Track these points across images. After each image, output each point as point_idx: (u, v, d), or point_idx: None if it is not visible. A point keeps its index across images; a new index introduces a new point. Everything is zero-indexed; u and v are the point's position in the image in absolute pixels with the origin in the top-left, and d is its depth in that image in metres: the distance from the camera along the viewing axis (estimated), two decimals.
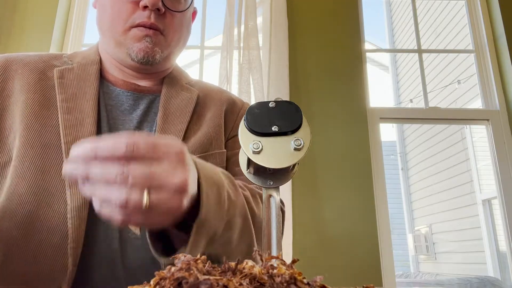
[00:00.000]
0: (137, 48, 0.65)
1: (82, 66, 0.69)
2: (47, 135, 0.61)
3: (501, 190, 2.06)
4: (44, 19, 2.12)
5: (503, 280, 3.59)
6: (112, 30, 0.66)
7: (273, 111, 0.42)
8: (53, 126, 0.61)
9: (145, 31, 0.65)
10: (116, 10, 0.66)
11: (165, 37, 0.68)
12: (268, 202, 0.43)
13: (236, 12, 2.13)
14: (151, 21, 0.65)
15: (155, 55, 0.67)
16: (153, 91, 0.72)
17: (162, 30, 0.66)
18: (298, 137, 0.41)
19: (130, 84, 0.71)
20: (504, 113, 2.16)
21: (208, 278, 0.24)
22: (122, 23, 0.65)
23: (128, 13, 0.65)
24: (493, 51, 2.26)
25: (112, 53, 0.69)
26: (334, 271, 1.82)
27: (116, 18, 0.66)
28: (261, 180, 0.44)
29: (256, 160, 0.40)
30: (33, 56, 0.69)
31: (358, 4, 2.29)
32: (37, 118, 0.61)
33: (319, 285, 0.26)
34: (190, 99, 0.73)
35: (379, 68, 8.38)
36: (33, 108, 0.62)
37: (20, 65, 0.67)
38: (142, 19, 0.65)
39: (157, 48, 0.66)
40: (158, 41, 0.67)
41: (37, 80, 0.65)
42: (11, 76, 0.65)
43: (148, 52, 0.66)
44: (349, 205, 1.92)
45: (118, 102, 0.68)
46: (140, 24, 0.65)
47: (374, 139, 2.07)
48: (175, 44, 0.71)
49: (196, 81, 0.81)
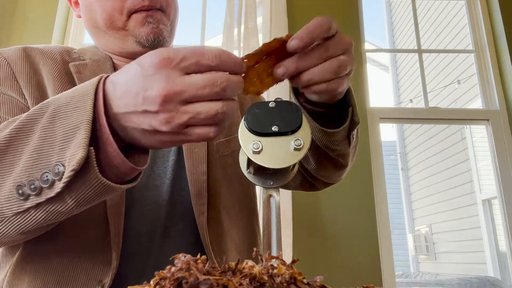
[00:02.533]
0: (144, 33, 0.65)
1: (95, 62, 0.68)
2: None
3: (501, 190, 2.06)
4: (44, 19, 2.12)
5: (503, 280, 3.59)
6: (112, 26, 0.66)
7: (273, 111, 0.42)
8: None
9: (144, 13, 0.64)
10: (107, 6, 0.65)
11: (165, 12, 0.67)
12: (268, 202, 0.43)
13: (236, 12, 2.12)
14: (147, 3, 0.64)
15: (163, 33, 0.66)
16: None
17: (160, 7, 0.66)
18: (298, 137, 0.41)
19: None
20: (504, 113, 2.16)
21: (208, 278, 0.24)
22: (119, 15, 0.64)
23: (120, 5, 0.64)
24: (493, 51, 2.26)
25: (118, 48, 0.68)
26: (334, 271, 1.82)
27: (111, 13, 0.65)
28: (261, 180, 0.44)
29: (256, 160, 0.40)
30: (47, 48, 0.68)
31: (358, 4, 2.29)
32: None
33: (319, 285, 0.26)
34: None
35: (379, 68, 8.39)
36: None
37: (39, 54, 0.66)
38: (137, 3, 0.64)
39: (161, 25, 0.66)
40: (161, 18, 0.66)
41: (60, 70, 0.64)
42: (38, 68, 0.64)
43: (156, 32, 0.65)
44: (349, 205, 1.92)
45: None
46: (138, 8, 0.64)
47: (374, 139, 2.07)
48: (174, 15, 0.71)
49: None
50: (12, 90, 0.61)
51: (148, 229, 0.60)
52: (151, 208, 0.61)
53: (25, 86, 0.61)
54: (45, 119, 0.40)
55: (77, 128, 0.38)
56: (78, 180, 0.38)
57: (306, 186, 0.75)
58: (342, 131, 0.54)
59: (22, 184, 0.39)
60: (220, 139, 0.69)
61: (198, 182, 0.63)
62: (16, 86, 0.61)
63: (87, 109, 0.38)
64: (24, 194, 0.39)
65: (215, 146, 0.68)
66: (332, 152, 0.59)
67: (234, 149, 0.70)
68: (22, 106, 0.60)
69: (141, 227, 0.60)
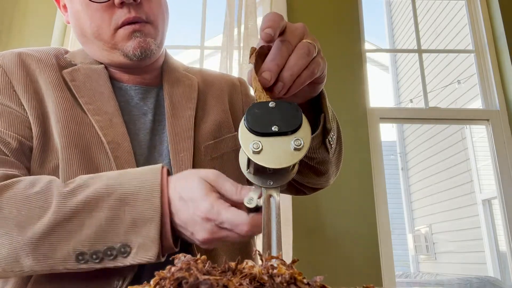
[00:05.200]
0: (131, 47, 0.64)
1: (87, 66, 0.68)
2: (86, 135, 0.60)
3: (501, 190, 2.06)
4: (44, 19, 2.12)
5: (503, 280, 3.59)
6: (99, 38, 0.65)
7: (273, 111, 0.42)
8: (87, 125, 0.61)
9: (131, 27, 0.63)
10: (95, 18, 0.63)
11: (152, 24, 0.66)
12: (268, 202, 0.43)
13: (236, 12, 2.13)
14: (133, 15, 0.63)
15: (150, 46, 0.65)
16: (157, 83, 0.73)
17: (146, 19, 0.64)
18: (298, 137, 0.41)
19: (136, 79, 0.71)
20: (504, 113, 2.16)
21: (208, 278, 0.24)
22: (107, 29, 0.63)
23: (108, 17, 0.63)
24: (493, 51, 2.26)
25: (106, 59, 0.68)
26: (334, 271, 1.82)
27: (98, 26, 0.63)
28: (261, 180, 0.44)
29: (256, 160, 0.40)
30: (42, 53, 0.67)
31: (358, 4, 2.29)
32: (71, 118, 0.61)
33: (319, 285, 0.26)
34: (192, 86, 0.73)
35: (379, 68, 8.39)
36: (65, 109, 0.61)
37: (35, 61, 0.65)
38: (124, 16, 0.62)
39: (148, 38, 0.65)
40: (148, 31, 0.65)
41: (58, 77, 0.64)
42: (34, 75, 0.63)
43: (143, 46, 0.64)
44: (349, 205, 1.92)
45: (128, 97, 0.69)
46: (124, 22, 0.63)
47: (374, 139, 2.07)
48: (162, 26, 0.69)
49: (191, 68, 0.81)
50: (10, 100, 0.60)
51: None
52: None
53: (23, 96, 0.60)
54: (112, 201, 0.47)
55: (148, 221, 0.46)
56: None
57: (292, 191, 0.77)
58: (315, 138, 0.55)
59: (84, 252, 0.46)
60: (208, 142, 0.68)
61: None
62: (15, 96, 0.60)
63: (155, 205, 0.47)
64: (84, 259, 0.46)
65: (203, 149, 0.67)
66: (310, 160, 0.61)
67: (223, 151, 0.70)
68: (21, 117, 0.59)
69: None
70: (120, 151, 0.60)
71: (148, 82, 0.72)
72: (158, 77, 0.74)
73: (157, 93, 0.71)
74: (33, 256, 0.46)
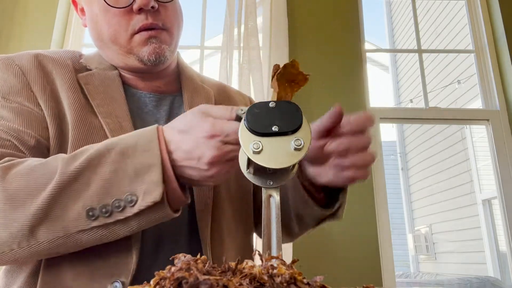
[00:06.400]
0: (146, 53, 0.65)
1: (102, 71, 0.69)
2: (94, 138, 0.61)
3: (501, 190, 2.06)
4: (44, 19, 2.12)
5: (503, 280, 3.59)
6: (115, 42, 0.66)
7: (273, 111, 0.42)
8: (97, 128, 0.62)
9: (147, 33, 0.65)
10: (113, 23, 0.65)
11: (168, 31, 0.68)
12: (268, 202, 0.43)
13: (236, 12, 2.12)
14: (150, 22, 0.64)
15: (165, 52, 0.67)
16: (172, 91, 0.74)
17: (162, 25, 0.66)
18: (298, 137, 0.41)
19: (151, 86, 0.72)
20: (504, 113, 2.16)
21: (208, 278, 0.24)
22: (124, 34, 0.65)
23: (126, 22, 0.64)
24: (493, 51, 2.26)
25: (121, 63, 0.69)
26: (334, 271, 1.82)
27: (116, 31, 0.65)
28: (261, 180, 0.44)
29: (256, 160, 0.40)
30: (58, 55, 0.68)
31: (358, 4, 2.29)
32: (82, 121, 0.61)
33: (319, 285, 0.26)
34: (209, 98, 0.74)
35: (379, 68, 8.39)
36: (77, 110, 0.62)
37: (52, 62, 0.66)
38: (141, 22, 0.64)
39: (164, 45, 0.66)
40: (163, 38, 0.67)
41: (74, 78, 0.65)
42: (51, 76, 0.64)
43: (158, 52, 0.66)
44: (349, 205, 1.91)
45: (141, 104, 0.69)
46: (141, 28, 0.64)
47: (374, 139, 2.06)
48: (177, 33, 0.71)
49: (204, 78, 0.82)
50: (28, 100, 0.60)
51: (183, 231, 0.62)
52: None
53: (40, 96, 0.61)
54: (114, 155, 0.49)
55: (149, 168, 0.48)
56: (148, 209, 0.48)
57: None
58: (324, 214, 0.67)
59: (93, 207, 0.47)
60: None
61: (204, 197, 0.64)
62: (32, 96, 0.61)
63: (155, 153, 0.48)
64: (94, 215, 0.48)
65: None
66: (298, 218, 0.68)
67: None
68: (39, 117, 0.60)
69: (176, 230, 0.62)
70: None
71: (163, 90, 0.73)
72: (171, 84, 0.75)
73: (171, 101, 0.72)
74: (46, 223, 0.47)
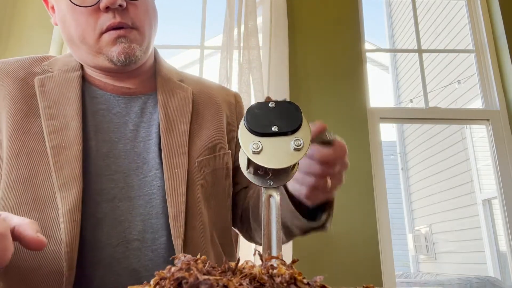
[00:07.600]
0: (115, 53, 0.63)
1: (63, 73, 0.67)
2: (30, 143, 0.60)
3: (501, 190, 2.06)
4: (44, 19, 2.12)
5: (503, 280, 3.59)
6: (84, 42, 0.64)
7: (273, 111, 0.42)
8: (36, 133, 0.61)
9: (116, 33, 0.63)
10: (81, 22, 0.63)
11: (138, 30, 0.65)
12: (268, 202, 0.43)
13: (236, 12, 2.12)
14: (118, 20, 0.62)
15: (135, 52, 0.64)
16: (146, 90, 0.72)
17: (132, 24, 0.64)
18: (298, 137, 0.41)
19: (121, 88, 0.70)
20: (504, 113, 2.16)
21: (208, 278, 0.24)
22: (92, 33, 0.63)
23: (94, 21, 0.62)
24: (493, 51, 2.26)
25: (91, 63, 0.67)
26: (334, 271, 1.82)
27: (84, 30, 0.63)
28: (261, 180, 0.44)
29: (256, 160, 0.40)
30: (13, 64, 0.68)
31: (358, 4, 2.29)
32: (20, 128, 0.60)
33: (319, 285, 0.26)
34: (186, 98, 0.72)
35: (379, 68, 8.38)
36: (15, 118, 0.61)
37: (1, 75, 0.65)
38: (109, 21, 0.62)
39: (134, 44, 0.64)
40: (133, 37, 0.64)
41: (19, 89, 0.64)
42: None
43: (128, 52, 0.63)
44: (349, 205, 1.92)
45: (109, 105, 0.67)
46: (109, 27, 0.62)
47: (374, 139, 2.07)
48: (149, 31, 0.68)
49: (185, 76, 0.80)
50: None
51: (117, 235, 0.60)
52: (125, 219, 0.61)
53: None
54: None
55: None
56: None
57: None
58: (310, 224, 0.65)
59: None
60: (202, 157, 0.68)
61: (177, 203, 0.62)
62: None
63: None
64: None
65: (197, 164, 0.67)
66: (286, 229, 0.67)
67: (215, 167, 0.70)
68: None
69: (112, 238, 0.59)
70: (63, 155, 0.59)
71: (134, 91, 0.70)
72: (146, 83, 0.73)
73: (143, 102, 0.70)
74: None
